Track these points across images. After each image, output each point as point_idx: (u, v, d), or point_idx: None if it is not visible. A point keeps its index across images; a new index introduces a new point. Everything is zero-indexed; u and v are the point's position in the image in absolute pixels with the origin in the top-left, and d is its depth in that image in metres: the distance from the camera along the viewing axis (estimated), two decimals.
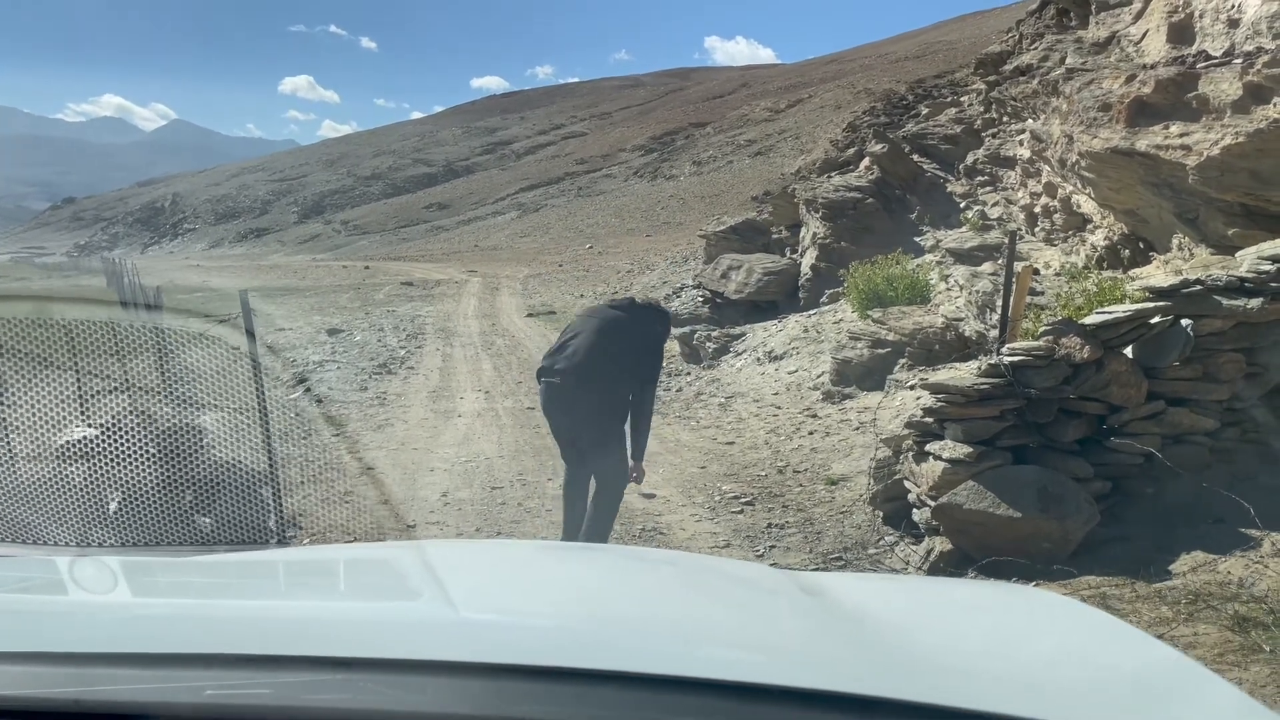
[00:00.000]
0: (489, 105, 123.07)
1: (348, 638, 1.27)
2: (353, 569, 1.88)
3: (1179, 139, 7.91)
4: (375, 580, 1.82)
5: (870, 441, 7.20)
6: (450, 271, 32.99)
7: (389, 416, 9.85)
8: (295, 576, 1.84)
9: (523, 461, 7.57)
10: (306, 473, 7.18)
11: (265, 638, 1.25)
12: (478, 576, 1.82)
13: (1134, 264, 9.31)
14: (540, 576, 1.86)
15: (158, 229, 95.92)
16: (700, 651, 1.33)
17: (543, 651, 1.23)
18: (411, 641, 1.26)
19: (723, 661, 1.27)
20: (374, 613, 1.50)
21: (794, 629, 1.56)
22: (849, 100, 55.13)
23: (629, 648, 1.30)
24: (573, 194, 62.44)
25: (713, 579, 1.95)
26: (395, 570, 1.86)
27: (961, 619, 1.67)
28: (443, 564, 1.78)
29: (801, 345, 11.62)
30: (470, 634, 1.33)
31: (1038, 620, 1.66)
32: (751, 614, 1.65)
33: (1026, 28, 15.60)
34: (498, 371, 12.87)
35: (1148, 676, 1.34)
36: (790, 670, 1.25)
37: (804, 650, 1.41)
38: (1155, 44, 10.69)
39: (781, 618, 1.63)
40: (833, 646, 1.42)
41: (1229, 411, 4.83)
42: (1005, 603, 1.84)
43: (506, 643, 1.28)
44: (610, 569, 2.01)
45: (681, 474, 7.18)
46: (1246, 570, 3.69)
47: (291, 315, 21.01)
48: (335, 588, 1.76)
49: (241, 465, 4.53)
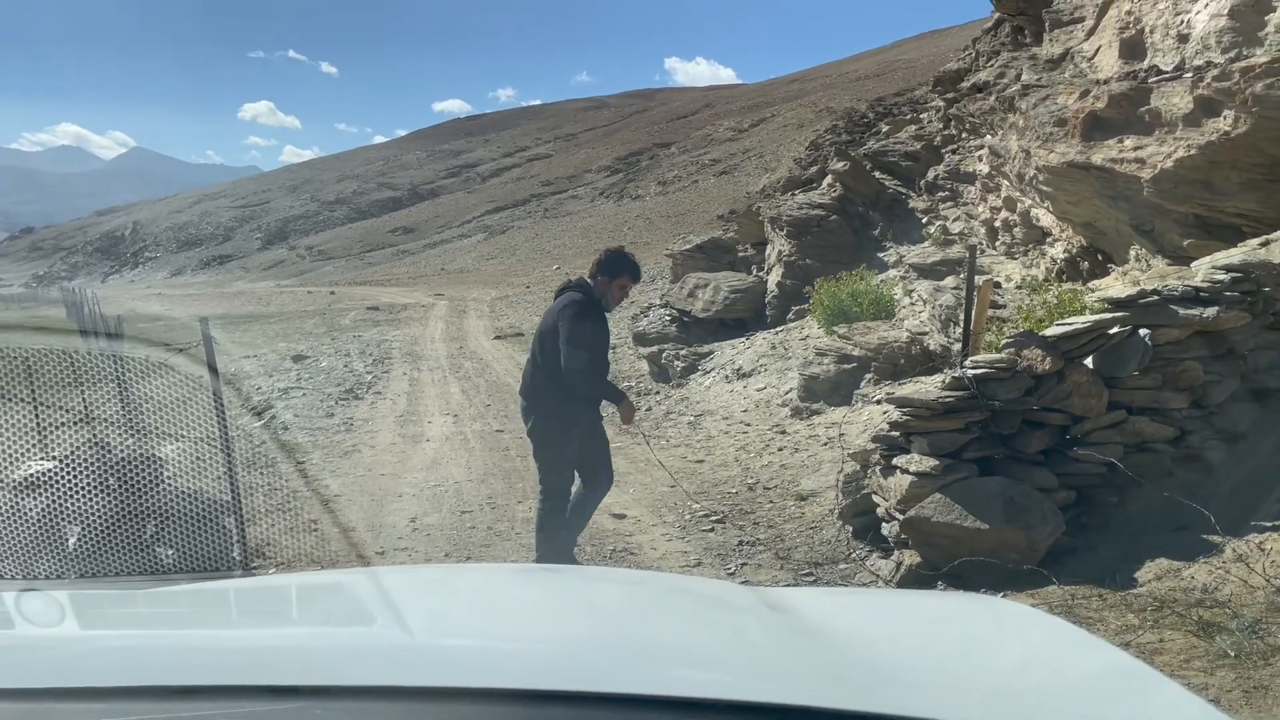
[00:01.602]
0: (453, 128, 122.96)
1: (301, 666, 1.25)
2: (306, 596, 1.87)
3: (1133, 152, 8.06)
4: (329, 607, 1.81)
5: (839, 456, 7.23)
6: (417, 295, 32.82)
7: (356, 442, 9.76)
8: (246, 605, 1.81)
9: (492, 485, 7.53)
10: (272, 501, 7.09)
11: (215, 668, 1.24)
12: (435, 601, 1.82)
13: (1093, 275, 9.45)
14: (502, 600, 1.85)
15: (118, 258, 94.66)
16: (664, 670, 1.32)
17: (505, 674, 1.22)
18: (366, 668, 1.25)
19: (687, 680, 1.26)
20: (327, 640, 1.49)
21: (758, 645, 1.56)
22: (811, 119, 55.66)
23: (591, 668, 1.29)
24: (539, 215, 62.42)
25: (677, 598, 1.94)
26: (349, 597, 1.84)
27: (925, 631, 1.68)
28: (398, 589, 1.77)
29: (769, 362, 11.66)
30: (427, 658, 1.32)
31: (1000, 631, 1.68)
32: (716, 632, 1.65)
33: (983, 45, 15.89)
34: (466, 395, 12.80)
35: (1108, 684, 1.36)
36: (753, 686, 1.25)
37: (768, 666, 1.40)
38: (1108, 59, 10.90)
39: (746, 635, 1.63)
40: (795, 662, 1.41)
41: (1189, 419, 4.90)
42: (968, 613, 1.85)
43: (466, 666, 1.27)
44: (573, 590, 1.99)
45: (652, 493, 7.17)
46: (1210, 576, 3.74)
47: (256, 342, 20.78)
48: (288, 615, 1.74)
49: (203, 495, 4.46)
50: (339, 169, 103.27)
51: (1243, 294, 4.98)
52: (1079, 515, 4.65)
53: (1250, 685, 2.90)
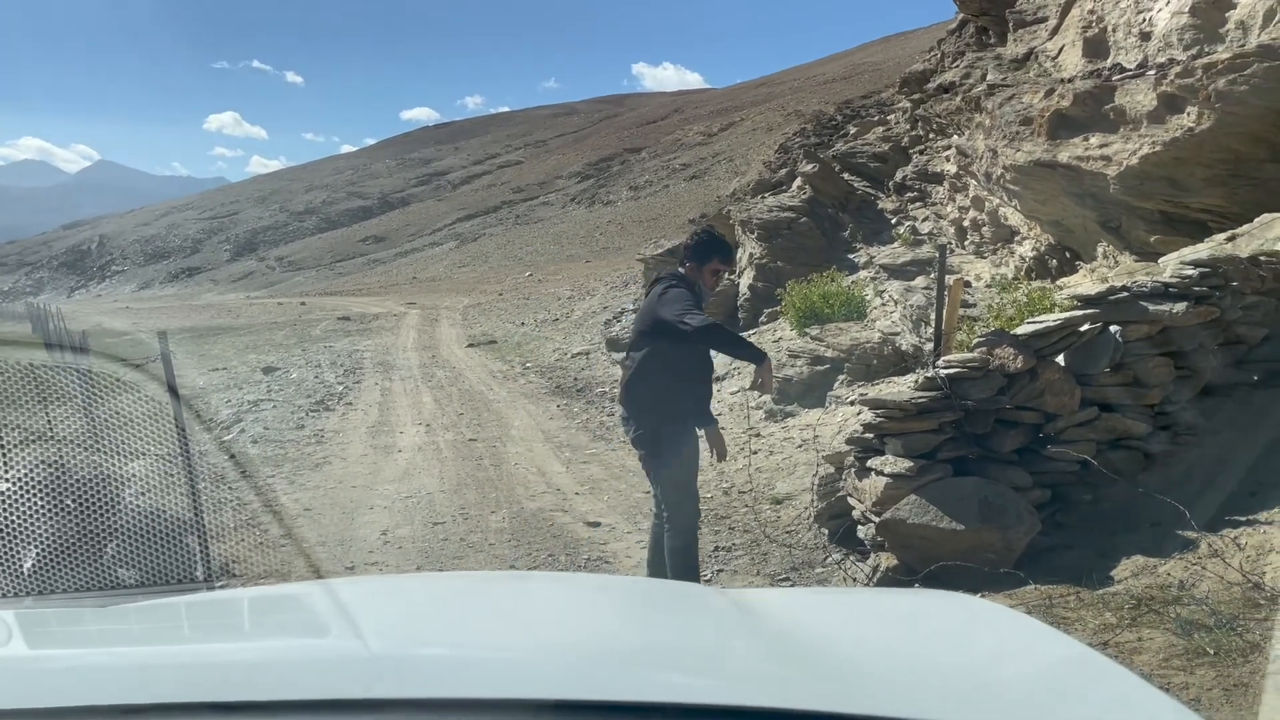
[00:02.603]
0: (422, 136, 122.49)
1: (252, 680, 1.23)
2: (258, 610, 1.83)
3: (1099, 150, 8.11)
4: (282, 620, 1.77)
5: (814, 459, 7.20)
6: (389, 304, 32.59)
7: (327, 454, 9.62)
8: (197, 620, 1.78)
9: (465, 495, 7.43)
10: (240, 517, 6.96)
11: (163, 685, 1.21)
12: (393, 610, 1.78)
13: (1062, 273, 9.50)
14: (463, 608, 1.82)
15: (85, 272, 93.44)
16: (631, 675, 1.31)
17: (467, 684, 1.20)
18: (320, 680, 1.22)
19: (656, 684, 1.25)
20: (280, 653, 1.45)
21: (729, 648, 1.55)
22: (780, 122, 55.94)
23: (556, 676, 1.27)
24: (511, 222, 62.28)
25: (644, 602, 1.93)
26: (303, 609, 1.81)
27: (894, 629, 1.69)
28: (353, 600, 1.74)
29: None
30: (384, 669, 1.28)
31: (968, 627, 1.69)
32: (685, 635, 1.63)
33: (948, 46, 15.99)
34: (438, 404, 12.68)
35: (1071, 677, 1.38)
36: (724, 689, 1.25)
37: (739, 669, 1.40)
38: (1071, 58, 10.98)
39: (716, 637, 1.62)
40: (765, 663, 1.41)
41: (1160, 415, 4.91)
42: (936, 610, 1.86)
43: (426, 677, 1.25)
44: (537, 597, 1.96)
45: (627, 500, 7.10)
46: (1186, 573, 3.72)
47: (225, 355, 20.51)
48: (240, 629, 1.71)
49: (165, 513, 4.35)
50: (308, 179, 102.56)
51: (1211, 289, 4.99)
52: (1054, 514, 4.64)
53: (1230, 683, 2.88)
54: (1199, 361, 4.97)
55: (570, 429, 10.43)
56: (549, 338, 19.07)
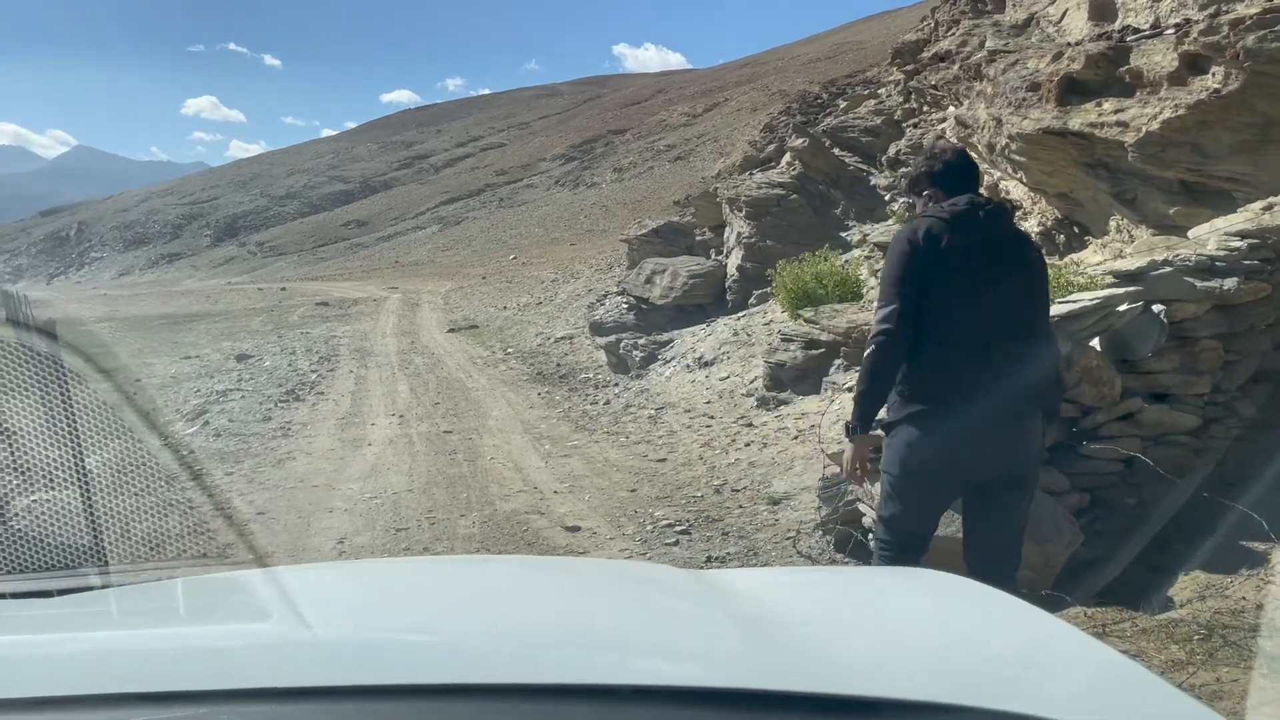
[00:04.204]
0: (404, 119, 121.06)
1: (187, 668, 1.17)
2: (194, 595, 1.70)
3: (1114, 115, 7.54)
4: (219, 605, 1.67)
5: (811, 452, 6.65)
6: (370, 289, 31.88)
7: (291, 449, 9.03)
8: (128, 605, 1.70)
9: (434, 495, 6.84)
10: (186, 524, 6.35)
11: (91, 675, 1.15)
12: (339, 595, 1.69)
13: (1069, 249, 8.95)
14: (415, 592, 1.73)
15: (64, 259, 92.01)
16: (592, 657, 1.28)
17: (418, 669, 1.15)
18: (261, 668, 1.16)
19: (618, 666, 1.23)
20: (218, 639, 1.38)
21: (697, 628, 1.51)
22: (764, 102, 55.21)
23: (512, 659, 1.22)
24: (494, 205, 61.48)
25: (607, 583, 1.86)
26: (243, 593, 1.70)
27: (864, 606, 1.66)
28: (296, 585, 1.68)
29: (732, 350, 11.08)
30: (330, 655, 1.23)
31: (939, 602, 1.67)
32: (651, 615, 1.60)
33: (942, 15, 15.37)
34: (414, 393, 12.09)
35: (1045, 651, 1.37)
36: (686, 670, 1.22)
37: (708, 649, 1.36)
38: (1076, 22, 10.41)
39: (684, 617, 1.58)
40: (730, 643, 1.38)
41: (1211, 406, 4.36)
42: (907, 588, 1.85)
43: (375, 662, 1.18)
44: (496, 579, 1.88)
45: (610, 499, 6.53)
46: (1259, 593, 3.19)
47: (199, 343, 19.81)
48: (174, 615, 1.59)
49: (59, 522, 3.75)
50: (288, 163, 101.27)
51: (1263, 262, 4.44)
52: (1093, 521, 4.09)
53: None
54: (1249, 345, 4.43)
55: (551, 419, 9.86)
56: (531, 322, 18.49)
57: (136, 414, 5.66)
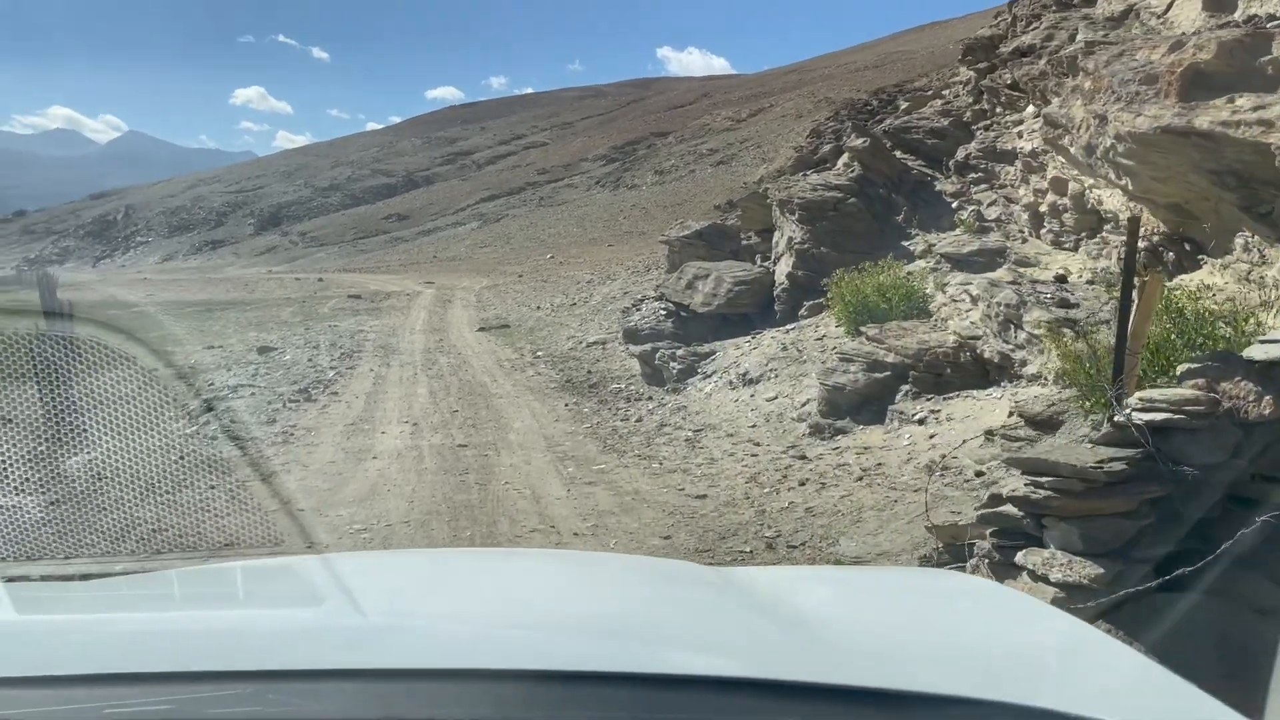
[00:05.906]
0: (449, 115, 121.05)
1: (250, 649, 1.22)
2: (253, 579, 1.79)
3: (1252, 113, 6.39)
4: (277, 590, 1.74)
5: (882, 501, 5.57)
6: (406, 283, 31.19)
7: (288, 460, 8.11)
8: (191, 589, 1.76)
9: (431, 532, 5.85)
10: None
11: (162, 653, 1.20)
12: (390, 583, 1.73)
13: (1180, 270, 7.79)
14: (462, 582, 1.79)
15: (110, 242, 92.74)
16: (626, 647, 1.30)
17: (463, 655, 1.19)
18: (319, 650, 1.21)
19: (653, 658, 1.24)
20: (278, 622, 1.44)
21: (725, 621, 1.51)
22: (810, 109, 54.00)
23: (553, 648, 1.25)
24: (534, 204, 60.81)
25: (639, 578, 1.89)
26: (299, 579, 1.80)
27: (885, 603, 1.68)
28: (349, 572, 1.71)
29: (780, 366, 10.00)
30: (383, 639, 1.29)
31: (957, 602, 1.68)
32: (679, 609, 1.62)
33: (1020, 9, 14.17)
34: (433, 397, 11.16)
35: (1064, 649, 1.37)
36: (711, 660, 1.23)
37: (738, 642, 1.37)
38: (1187, 14, 9.24)
39: (711, 612, 1.59)
40: (755, 636, 1.39)
41: None
42: (930, 587, 1.83)
43: (423, 647, 1.24)
44: (532, 573, 1.93)
45: (640, 547, 5.49)
46: None
47: (225, 332, 19.15)
48: (234, 599, 1.67)
49: None
50: (334, 155, 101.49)
51: None
52: None
53: None
54: None
55: (578, 435, 8.86)
56: (564, 324, 17.54)
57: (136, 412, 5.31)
